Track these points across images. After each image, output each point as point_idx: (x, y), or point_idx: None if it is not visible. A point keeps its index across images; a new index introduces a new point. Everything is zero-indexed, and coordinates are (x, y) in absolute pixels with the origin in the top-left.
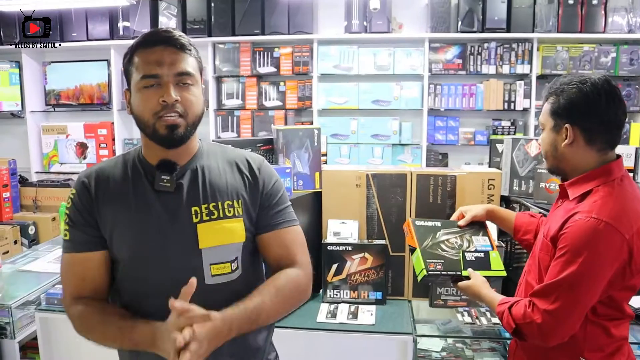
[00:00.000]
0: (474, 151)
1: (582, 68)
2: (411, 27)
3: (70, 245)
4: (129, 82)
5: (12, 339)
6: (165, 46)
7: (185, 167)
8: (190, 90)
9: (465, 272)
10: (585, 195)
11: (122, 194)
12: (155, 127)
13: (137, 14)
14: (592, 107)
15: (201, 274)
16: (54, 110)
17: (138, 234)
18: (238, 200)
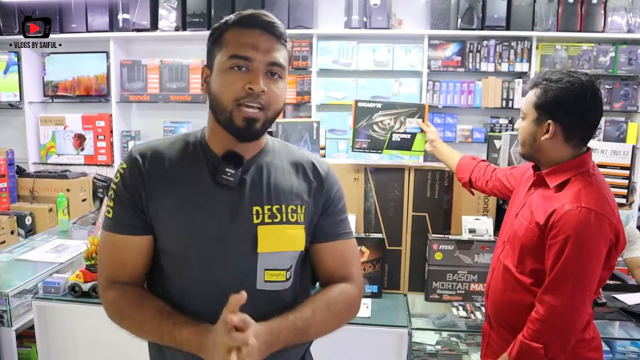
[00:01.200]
0: (472, 148)
1: (580, 67)
2: (411, 23)
3: (112, 224)
4: (210, 60)
5: (9, 327)
6: (263, 31)
7: (251, 161)
8: (278, 83)
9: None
10: (564, 184)
11: (178, 180)
12: (232, 115)
13: (137, 7)
14: (577, 109)
15: (253, 278)
16: (52, 102)
17: (192, 227)
18: (302, 205)
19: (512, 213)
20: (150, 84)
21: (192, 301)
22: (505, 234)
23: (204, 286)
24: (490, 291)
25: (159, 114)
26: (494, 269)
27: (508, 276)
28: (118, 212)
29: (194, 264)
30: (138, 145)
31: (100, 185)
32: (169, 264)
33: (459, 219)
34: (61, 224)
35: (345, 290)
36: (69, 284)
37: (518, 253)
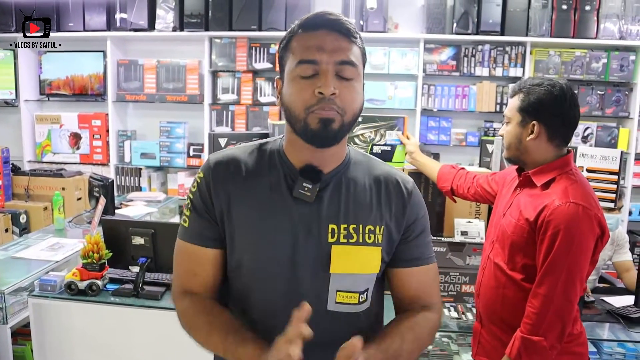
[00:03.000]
0: (465, 152)
1: (573, 73)
2: (407, 27)
3: (189, 234)
4: (282, 71)
5: (4, 324)
6: (328, 30)
7: (330, 175)
8: (351, 85)
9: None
10: (549, 182)
11: (255, 192)
12: (306, 121)
13: (135, 6)
14: (558, 109)
15: (324, 299)
16: (48, 100)
17: (266, 240)
18: (381, 226)
19: (498, 213)
20: (147, 83)
21: (259, 322)
22: (493, 233)
23: (273, 307)
24: (481, 290)
25: (156, 113)
26: (484, 268)
27: (499, 274)
28: (195, 222)
29: (262, 280)
30: (216, 154)
31: (96, 185)
32: (241, 281)
33: (452, 221)
34: (57, 223)
35: (430, 320)
36: (65, 282)
37: (508, 250)
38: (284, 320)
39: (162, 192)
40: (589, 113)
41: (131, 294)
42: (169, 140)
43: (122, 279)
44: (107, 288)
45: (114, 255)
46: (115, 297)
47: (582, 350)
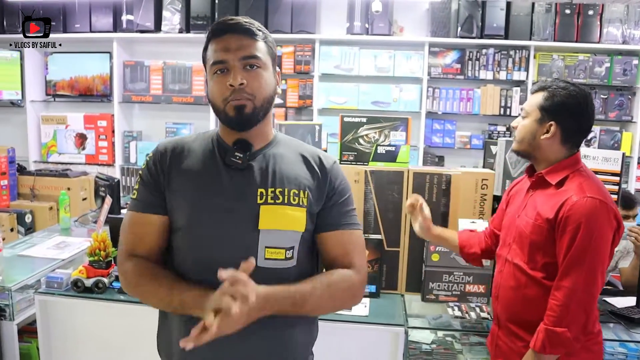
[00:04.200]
0: (470, 155)
1: (576, 77)
2: (412, 30)
3: (137, 204)
4: (206, 71)
5: (11, 320)
6: (232, 33)
7: (259, 151)
8: (258, 73)
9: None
10: (563, 181)
11: (194, 166)
12: (225, 110)
13: (141, 8)
14: (578, 115)
15: (254, 255)
16: (54, 101)
17: (201, 204)
18: (304, 191)
19: (512, 216)
20: (153, 84)
21: (199, 278)
22: (509, 235)
23: (210, 263)
24: (500, 292)
25: (161, 114)
26: (502, 270)
27: (519, 274)
28: (142, 194)
29: (198, 239)
30: (164, 140)
31: (102, 184)
32: (181, 242)
33: (456, 221)
34: (62, 222)
35: (346, 275)
36: (71, 279)
37: (528, 250)
38: (217, 283)
39: None
40: None
41: None
42: None
43: None
44: (113, 286)
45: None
46: (121, 295)
47: (599, 349)
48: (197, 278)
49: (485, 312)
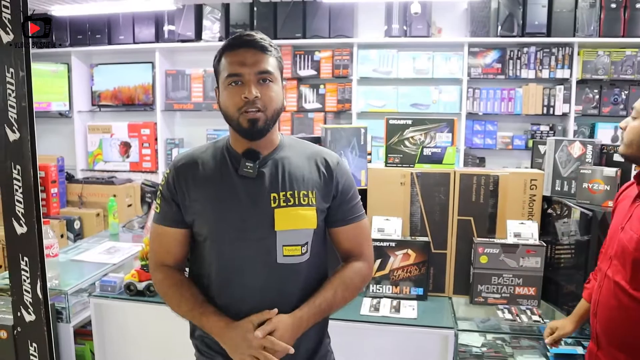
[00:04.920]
0: (512, 155)
1: (624, 73)
2: (450, 31)
3: (160, 217)
4: (217, 82)
5: (67, 323)
6: (247, 48)
7: (268, 157)
8: (270, 87)
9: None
10: None
11: (209, 177)
12: (239, 120)
13: (182, 18)
14: None
15: (274, 253)
16: (100, 110)
17: (221, 214)
18: (313, 191)
19: (615, 227)
20: (194, 93)
21: (224, 281)
22: (611, 248)
23: (233, 265)
24: (599, 309)
25: (202, 122)
26: (602, 286)
27: (620, 293)
28: (163, 208)
29: (223, 245)
30: (178, 155)
31: (148, 191)
32: (203, 250)
33: (504, 223)
34: (111, 227)
35: (358, 268)
36: (124, 282)
37: (630, 268)
38: (244, 275)
39: None
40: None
41: None
42: None
43: None
44: None
45: None
46: None
47: None
48: (222, 281)
49: (536, 314)
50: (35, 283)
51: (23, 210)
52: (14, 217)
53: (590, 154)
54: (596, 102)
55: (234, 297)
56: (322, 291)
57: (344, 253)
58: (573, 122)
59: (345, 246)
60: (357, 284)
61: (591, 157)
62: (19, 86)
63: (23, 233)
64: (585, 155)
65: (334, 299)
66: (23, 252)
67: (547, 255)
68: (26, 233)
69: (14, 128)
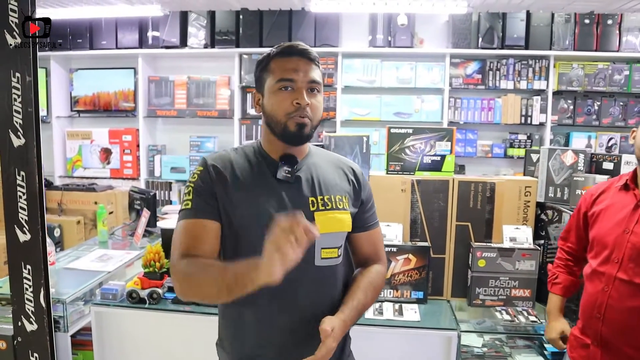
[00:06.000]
0: (491, 163)
1: (596, 85)
2: (432, 42)
3: (191, 212)
4: (261, 86)
5: (65, 332)
6: (300, 57)
7: (301, 163)
8: (317, 97)
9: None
10: None
11: (248, 180)
12: (286, 124)
13: (167, 24)
14: None
15: (312, 256)
16: (79, 116)
17: (262, 214)
18: (345, 196)
19: (613, 231)
20: (178, 99)
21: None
22: (615, 252)
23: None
24: (607, 312)
25: (186, 128)
26: (606, 290)
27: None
28: (197, 202)
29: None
30: (209, 154)
31: (137, 198)
32: (240, 250)
33: (500, 228)
34: (100, 235)
35: (379, 271)
36: (126, 290)
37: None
38: (282, 283)
39: None
40: (612, 124)
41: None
42: (199, 154)
43: None
44: (166, 296)
45: None
46: (174, 305)
47: None
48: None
49: (532, 315)
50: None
51: (27, 218)
52: (17, 224)
53: (582, 162)
54: (571, 112)
55: (273, 299)
56: (354, 294)
57: (363, 257)
58: (549, 132)
59: (365, 251)
60: (381, 285)
61: (583, 165)
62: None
63: (26, 240)
64: (577, 163)
65: (366, 301)
66: (26, 260)
67: (540, 258)
68: (30, 240)
69: (19, 134)
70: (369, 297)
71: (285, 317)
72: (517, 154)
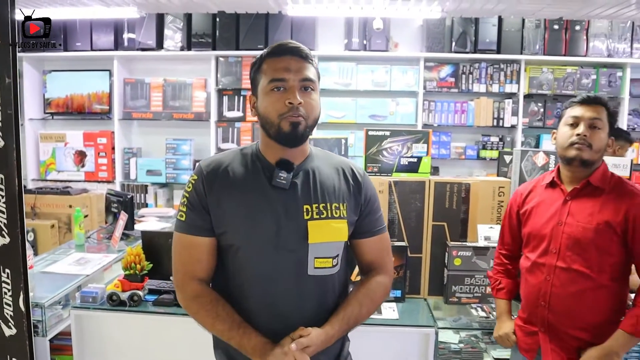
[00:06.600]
0: (464, 165)
1: (565, 88)
2: (407, 46)
3: (186, 226)
4: (255, 88)
5: (44, 336)
6: (292, 55)
7: (300, 167)
8: (311, 95)
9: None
10: (612, 185)
11: (242, 186)
12: (280, 125)
13: (143, 27)
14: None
15: (305, 265)
16: (53, 118)
17: (255, 224)
18: (343, 203)
19: (547, 225)
20: (154, 101)
21: (253, 291)
22: (552, 243)
23: (264, 276)
24: (552, 300)
25: (161, 131)
26: (548, 279)
27: (580, 279)
28: (190, 217)
29: (255, 255)
30: (205, 160)
31: (114, 200)
32: (233, 259)
33: (475, 227)
34: (77, 238)
35: (382, 282)
36: (107, 293)
37: (594, 255)
38: (274, 286)
39: (168, 208)
40: None
41: (172, 303)
42: (175, 157)
43: (160, 289)
44: (146, 299)
45: (152, 266)
46: (156, 307)
47: None
48: (251, 294)
49: None
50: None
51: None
52: None
53: (553, 163)
54: (541, 115)
55: (264, 307)
56: (349, 306)
57: (367, 265)
58: (521, 134)
59: (369, 258)
60: (380, 298)
61: (554, 165)
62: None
63: (5, 244)
64: (548, 164)
65: (360, 314)
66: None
67: None
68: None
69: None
70: (364, 309)
71: (279, 327)
72: (490, 155)
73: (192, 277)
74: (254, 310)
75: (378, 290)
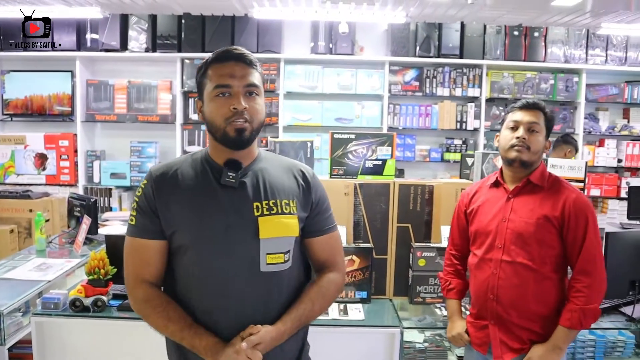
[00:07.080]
0: (429, 167)
1: (525, 93)
2: (372, 50)
3: (136, 230)
4: (201, 93)
5: (2, 345)
6: (236, 62)
7: (248, 168)
8: (256, 100)
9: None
10: (550, 183)
11: (190, 187)
12: (225, 130)
13: (107, 27)
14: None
15: (257, 262)
16: (11, 120)
17: (204, 223)
18: (293, 200)
19: (491, 222)
20: (118, 103)
21: (206, 291)
22: (497, 239)
23: (216, 276)
24: (499, 292)
25: (126, 133)
26: (495, 273)
27: (524, 271)
28: (140, 221)
29: (207, 254)
30: (155, 165)
31: (77, 204)
32: (184, 260)
33: (438, 228)
34: (38, 243)
35: (334, 279)
36: (69, 299)
37: (533, 248)
38: (227, 285)
39: None
40: None
41: None
42: (140, 160)
43: (124, 294)
44: (111, 304)
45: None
46: (121, 312)
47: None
48: (204, 294)
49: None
50: None
51: None
52: None
53: None
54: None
55: (218, 306)
56: (302, 303)
57: (319, 263)
58: (483, 136)
59: (320, 256)
60: (333, 295)
61: None
62: None
63: None
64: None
65: (313, 310)
66: None
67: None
68: None
69: None
70: (316, 307)
71: (232, 324)
72: (453, 158)
73: (143, 280)
74: (208, 310)
75: (330, 287)
